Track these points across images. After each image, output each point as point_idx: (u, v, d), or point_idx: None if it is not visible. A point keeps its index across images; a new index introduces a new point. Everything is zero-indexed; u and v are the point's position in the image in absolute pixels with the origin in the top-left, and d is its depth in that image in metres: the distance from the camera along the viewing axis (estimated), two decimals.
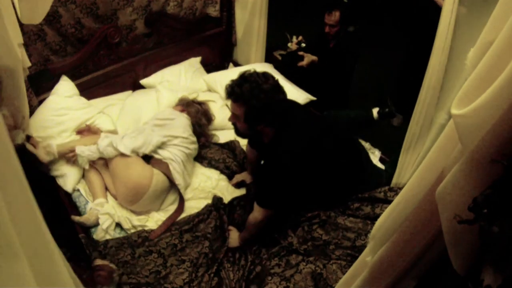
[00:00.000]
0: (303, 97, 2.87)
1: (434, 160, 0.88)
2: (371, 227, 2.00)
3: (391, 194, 2.14)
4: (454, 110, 0.69)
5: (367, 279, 1.12)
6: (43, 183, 2.06)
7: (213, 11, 3.10)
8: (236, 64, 3.35)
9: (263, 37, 3.13)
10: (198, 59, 3.16)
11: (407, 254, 0.97)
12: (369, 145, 2.71)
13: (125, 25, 2.71)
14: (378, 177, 2.34)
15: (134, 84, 2.94)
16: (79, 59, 2.59)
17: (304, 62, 3.02)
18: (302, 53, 3.08)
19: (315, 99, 2.94)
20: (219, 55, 3.36)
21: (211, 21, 3.16)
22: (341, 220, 2.10)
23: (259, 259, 1.99)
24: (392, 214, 1.02)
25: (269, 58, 3.37)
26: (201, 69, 3.14)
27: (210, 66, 3.25)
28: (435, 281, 1.02)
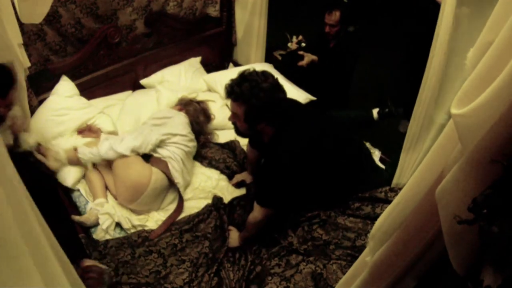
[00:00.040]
0: (303, 97, 2.87)
1: (434, 160, 0.88)
2: (371, 227, 2.00)
3: (391, 194, 2.13)
4: (453, 110, 0.69)
5: (367, 279, 1.12)
6: (43, 183, 2.06)
7: (213, 11, 3.10)
8: (236, 64, 3.35)
9: (263, 37, 3.13)
10: (198, 59, 3.16)
11: (407, 254, 0.97)
12: (369, 145, 2.71)
13: (125, 25, 2.71)
14: (379, 177, 2.34)
15: (134, 84, 2.94)
16: (79, 59, 2.59)
17: (304, 62, 3.02)
18: (302, 52, 3.08)
19: (315, 99, 2.93)
20: (219, 55, 3.36)
21: (211, 21, 3.16)
22: (341, 220, 2.10)
23: (259, 259, 1.99)
24: (392, 214, 1.02)
25: (269, 58, 3.37)
26: (201, 69, 3.14)
27: (210, 66, 3.25)
28: (435, 281, 1.02)
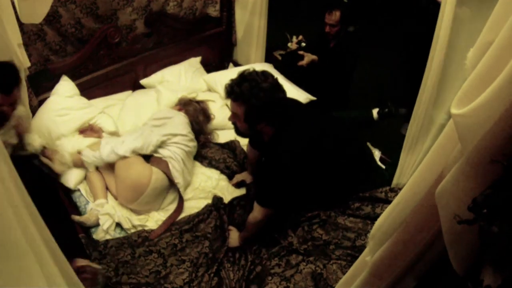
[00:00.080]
0: (303, 97, 2.87)
1: (434, 160, 0.88)
2: (371, 227, 2.00)
3: (391, 194, 2.13)
4: (453, 109, 0.69)
5: (367, 279, 1.12)
6: (43, 183, 2.06)
7: (213, 11, 3.10)
8: (236, 64, 3.35)
9: (263, 37, 3.13)
10: (198, 59, 3.16)
11: (406, 254, 0.97)
12: (369, 145, 2.71)
13: (125, 25, 2.71)
14: (379, 177, 2.34)
15: (134, 84, 2.94)
16: (79, 59, 2.59)
17: (304, 62, 3.01)
18: (302, 52, 3.08)
19: (315, 99, 2.93)
20: (219, 55, 3.36)
21: (211, 21, 3.16)
22: (341, 220, 2.10)
23: (259, 259, 1.99)
24: (391, 214, 1.02)
25: (269, 58, 3.37)
26: (201, 69, 3.14)
27: (210, 66, 3.25)
28: (435, 281, 1.02)
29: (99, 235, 2.10)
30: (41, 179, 2.06)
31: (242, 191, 2.37)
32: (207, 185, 2.39)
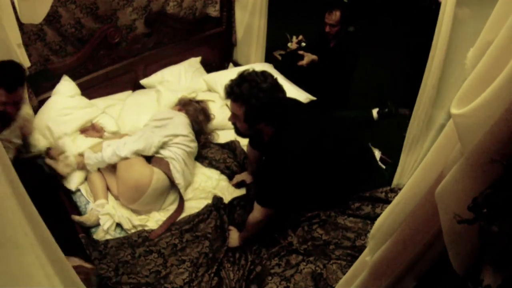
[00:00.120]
0: (303, 97, 2.86)
1: (434, 160, 0.87)
2: (371, 227, 2.00)
3: (392, 195, 2.13)
4: (453, 109, 0.69)
5: (367, 279, 1.12)
6: (43, 183, 2.06)
7: (213, 11, 3.10)
8: (236, 64, 3.35)
9: (263, 37, 3.13)
10: (198, 59, 3.16)
11: (406, 254, 0.97)
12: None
13: (125, 25, 2.71)
14: (379, 177, 2.34)
15: (134, 84, 2.94)
16: (79, 59, 2.59)
17: (304, 61, 3.01)
18: (302, 52, 3.08)
19: (315, 99, 2.93)
20: (219, 55, 3.36)
21: (211, 21, 3.16)
22: (341, 220, 2.10)
23: (259, 259, 1.99)
24: (391, 214, 1.02)
25: (269, 58, 3.37)
26: (201, 69, 3.14)
27: (210, 66, 3.25)
28: (435, 281, 1.02)
29: (99, 235, 2.10)
30: (41, 179, 2.07)
31: (242, 191, 2.37)
32: (207, 185, 2.39)
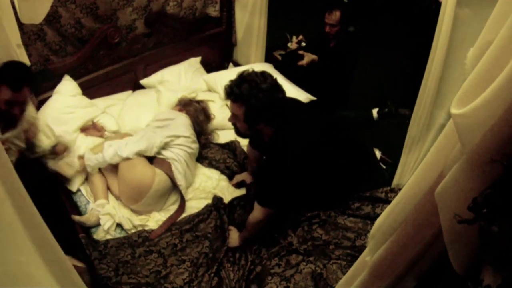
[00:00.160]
0: (303, 97, 2.86)
1: (434, 160, 0.87)
2: (371, 227, 1.98)
3: (392, 195, 2.13)
4: (453, 109, 0.69)
5: (367, 279, 1.12)
6: (43, 183, 2.06)
7: (213, 11, 3.10)
8: (236, 64, 3.35)
9: (263, 37, 3.13)
10: (198, 59, 3.16)
11: (407, 254, 0.97)
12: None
13: (125, 25, 2.71)
14: (380, 177, 2.34)
15: (134, 84, 2.94)
16: (79, 59, 2.59)
17: (304, 61, 3.01)
18: (302, 52, 3.08)
19: (315, 99, 2.93)
20: (219, 55, 3.36)
21: (211, 21, 3.16)
22: (341, 220, 2.10)
23: (259, 259, 1.99)
24: (391, 214, 1.02)
25: (269, 58, 3.37)
26: (201, 69, 3.14)
27: (210, 66, 3.25)
28: (435, 281, 1.02)
29: (99, 235, 2.10)
30: (41, 179, 2.06)
31: (242, 191, 2.37)
32: (207, 185, 2.39)
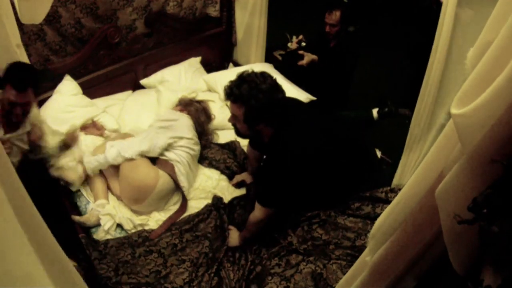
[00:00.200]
0: (303, 97, 2.86)
1: (434, 160, 0.87)
2: (371, 227, 1.99)
3: (392, 195, 2.13)
4: (453, 109, 0.69)
5: (367, 279, 1.12)
6: (43, 183, 2.06)
7: (213, 11, 3.10)
8: (236, 64, 3.35)
9: (263, 37, 3.13)
10: (198, 59, 3.16)
11: (407, 254, 0.97)
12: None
13: (125, 25, 2.71)
14: (380, 177, 2.34)
15: (134, 84, 2.94)
16: (79, 59, 2.59)
17: (304, 61, 3.01)
18: (302, 52, 3.08)
19: (315, 99, 2.93)
20: (219, 55, 3.36)
21: (211, 21, 3.16)
22: (341, 220, 2.10)
23: (259, 259, 1.99)
24: (391, 214, 1.02)
25: (269, 58, 3.37)
26: (201, 69, 3.14)
27: (210, 66, 3.25)
28: (435, 281, 1.02)
29: (99, 235, 2.10)
30: (41, 179, 2.07)
31: (242, 191, 2.37)
32: (207, 185, 2.39)
